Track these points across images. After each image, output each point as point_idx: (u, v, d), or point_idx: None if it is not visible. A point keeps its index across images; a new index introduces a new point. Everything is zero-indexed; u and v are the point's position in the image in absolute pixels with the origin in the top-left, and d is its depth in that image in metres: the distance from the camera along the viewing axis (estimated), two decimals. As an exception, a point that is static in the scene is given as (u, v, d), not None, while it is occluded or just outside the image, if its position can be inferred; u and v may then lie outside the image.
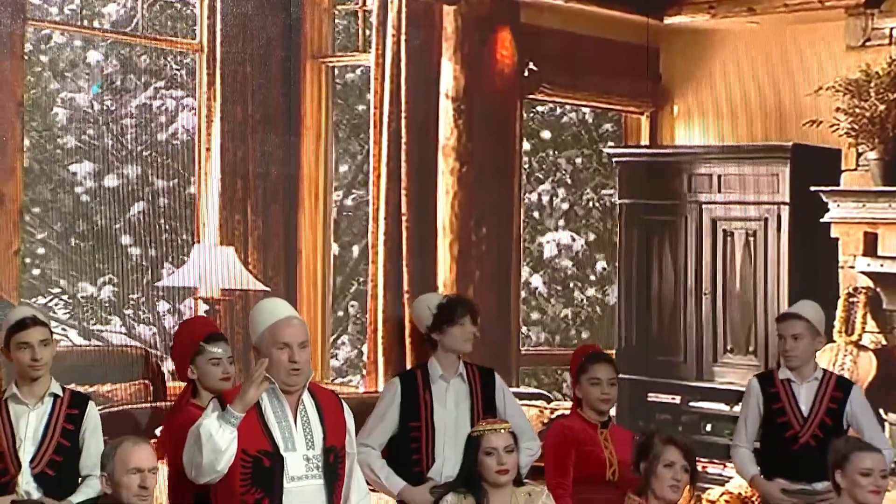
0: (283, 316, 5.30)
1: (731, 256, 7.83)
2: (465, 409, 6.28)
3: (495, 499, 5.41)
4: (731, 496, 7.54)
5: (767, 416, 6.35)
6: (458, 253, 7.41)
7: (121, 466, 5.07)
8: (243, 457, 5.10)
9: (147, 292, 6.81)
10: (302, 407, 5.26)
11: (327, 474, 5.17)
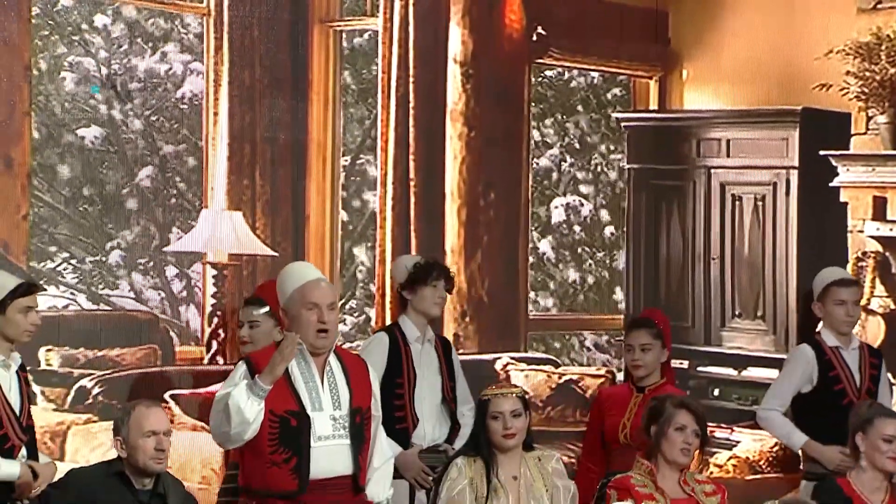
0: (313, 278, 5.33)
1: (740, 221, 7.84)
2: (434, 372, 6.36)
3: (504, 462, 5.45)
4: (739, 460, 7.60)
5: (822, 383, 6.34)
6: (466, 218, 7.44)
7: (136, 430, 5.10)
8: (271, 417, 5.13)
9: (155, 257, 6.78)
10: (329, 369, 5.29)
11: (353, 435, 5.20)
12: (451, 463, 5.54)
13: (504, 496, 5.41)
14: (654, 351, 6.28)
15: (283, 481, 5.14)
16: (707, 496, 5.70)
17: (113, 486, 5.12)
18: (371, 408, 5.42)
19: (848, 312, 6.38)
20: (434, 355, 6.44)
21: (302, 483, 5.14)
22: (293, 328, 5.34)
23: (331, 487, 5.20)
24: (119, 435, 5.18)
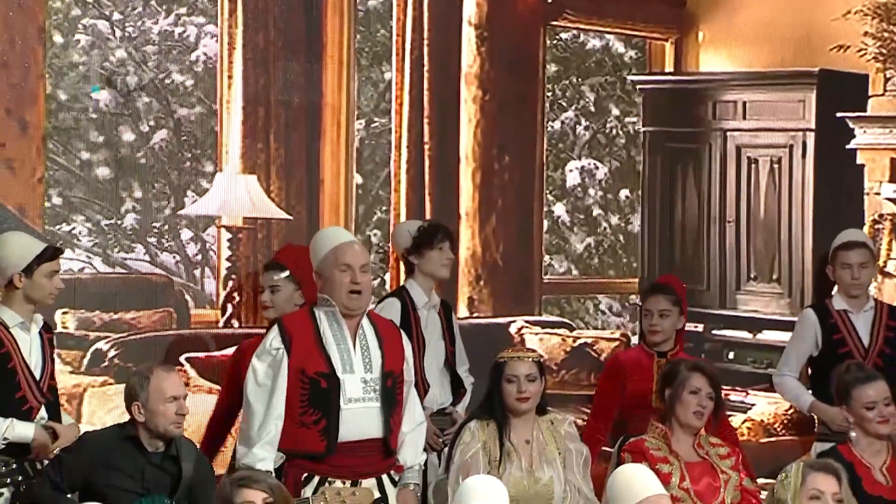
0: (346, 240, 5.42)
1: (756, 184, 7.83)
2: (438, 336, 6.41)
3: (517, 426, 5.51)
4: (754, 423, 7.65)
5: (827, 347, 6.34)
6: (480, 182, 7.44)
7: (157, 395, 5.14)
8: (301, 378, 5.21)
9: (170, 220, 6.79)
10: (361, 332, 5.34)
11: (384, 398, 5.27)
12: (464, 426, 5.58)
13: (517, 459, 5.46)
14: (672, 317, 6.31)
15: (312, 442, 5.20)
16: (722, 459, 5.74)
17: (126, 449, 5.17)
18: (403, 372, 5.45)
19: (853, 275, 6.36)
20: (438, 320, 6.47)
21: (330, 444, 5.19)
22: (326, 290, 5.38)
23: (360, 450, 5.24)
24: (137, 400, 5.20)
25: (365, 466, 5.24)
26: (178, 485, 5.14)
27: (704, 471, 5.61)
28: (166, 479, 5.18)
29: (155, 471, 5.17)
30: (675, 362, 5.87)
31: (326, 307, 5.32)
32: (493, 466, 5.41)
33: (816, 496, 4.83)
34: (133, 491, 5.11)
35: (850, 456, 5.64)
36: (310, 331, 5.29)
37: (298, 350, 5.24)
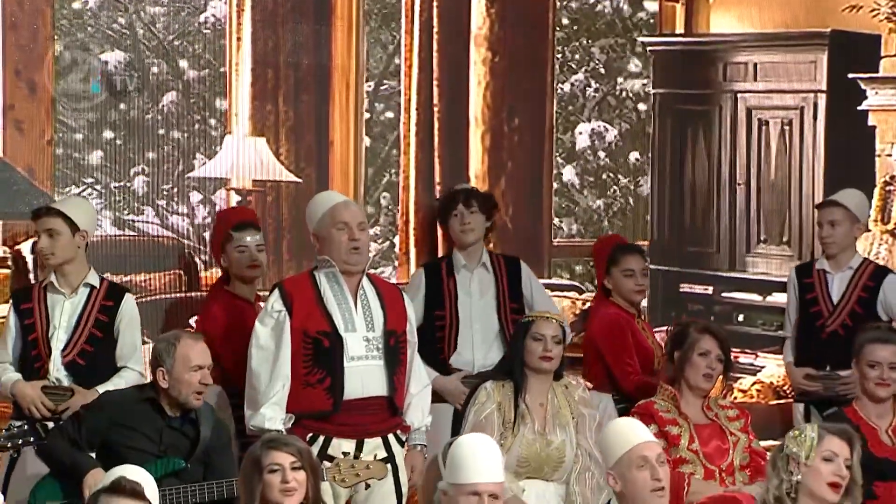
0: (341, 200, 5.43)
1: (766, 146, 7.80)
2: (490, 297, 6.39)
3: (534, 388, 5.52)
4: (763, 385, 7.65)
5: (802, 305, 6.42)
6: (489, 144, 7.41)
7: (183, 363, 5.14)
8: (304, 338, 5.25)
9: (179, 183, 6.78)
10: (362, 291, 5.38)
11: (388, 356, 5.30)
12: (479, 387, 5.60)
13: (530, 422, 5.47)
14: (647, 275, 6.36)
15: (318, 401, 5.24)
16: (730, 421, 5.75)
17: (145, 411, 5.19)
18: (407, 332, 5.46)
19: (822, 234, 6.42)
20: (490, 278, 6.44)
21: (337, 402, 5.23)
22: (325, 250, 5.39)
23: (366, 408, 5.28)
24: (163, 366, 5.20)
25: (371, 425, 5.28)
26: (195, 448, 5.15)
27: (713, 433, 5.61)
28: (184, 442, 5.19)
29: (173, 433, 5.19)
30: (684, 324, 5.86)
31: (326, 268, 5.33)
32: (507, 428, 5.42)
33: (830, 458, 4.76)
34: (150, 452, 5.13)
35: (856, 418, 5.64)
36: (310, 292, 5.30)
37: (300, 311, 5.26)
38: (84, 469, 5.10)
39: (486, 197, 6.51)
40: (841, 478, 4.74)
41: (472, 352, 6.27)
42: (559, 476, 5.49)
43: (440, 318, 6.32)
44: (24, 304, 5.68)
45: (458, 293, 6.34)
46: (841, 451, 4.77)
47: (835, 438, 4.80)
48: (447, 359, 6.27)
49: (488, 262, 6.45)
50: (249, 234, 6.08)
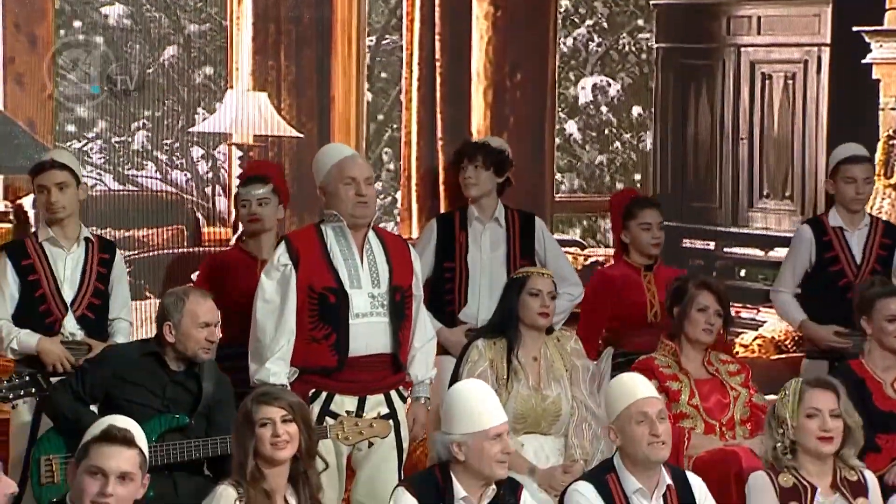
0: (348, 154, 5.46)
1: (770, 100, 7.75)
2: (500, 252, 6.41)
3: (527, 343, 5.57)
4: (765, 340, 7.65)
5: (820, 263, 6.36)
6: (492, 99, 7.37)
7: (191, 319, 5.20)
8: (310, 293, 5.30)
9: (181, 138, 6.77)
10: (368, 246, 5.41)
11: (393, 312, 5.35)
12: (470, 345, 5.62)
13: (524, 378, 5.53)
14: (663, 230, 6.38)
15: (323, 357, 5.28)
16: (731, 376, 5.81)
17: (148, 365, 5.25)
18: (412, 286, 5.47)
19: (857, 190, 6.39)
20: (502, 233, 6.47)
21: (341, 359, 5.27)
22: (332, 204, 5.41)
23: (369, 365, 5.32)
24: (170, 321, 5.23)
25: (374, 382, 5.31)
26: (197, 403, 5.20)
27: (714, 388, 5.68)
28: (187, 397, 5.24)
29: (176, 388, 5.24)
30: (682, 279, 5.90)
31: (333, 223, 5.35)
32: (501, 385, 5.45)
33: (813, 414, 4.89)
34: (153, 407, 5.18)
35: (862, 371, 5.70)
36: (317, 246, 5.33)
37: (306, 266, 5.28)
38: (86, 424, 5.10)
39: (495, 152, 6.51)
40: (827, 431, 4.86)
41: (479, 306, 6.30)
42: (556, 430, 5.53)
43: (450, 270, 6.35)
44: (24, 260, 5.69)
45: (469, 246, 6.39)
46: (824, 404, 4.89)
47: (816, 392, 4.92)
48: (456, 311, 6.29)
49: (502, 216, 6.49)
50: (254, 187, 6.12)
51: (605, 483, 4.75)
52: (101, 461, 3.95)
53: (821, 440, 4.86)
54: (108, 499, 3.94)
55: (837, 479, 4.93)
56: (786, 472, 4.91)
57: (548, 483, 5.33)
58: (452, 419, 4.63)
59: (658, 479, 4.77)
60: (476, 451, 4.54)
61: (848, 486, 4.93)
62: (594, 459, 5.46)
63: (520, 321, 5.59)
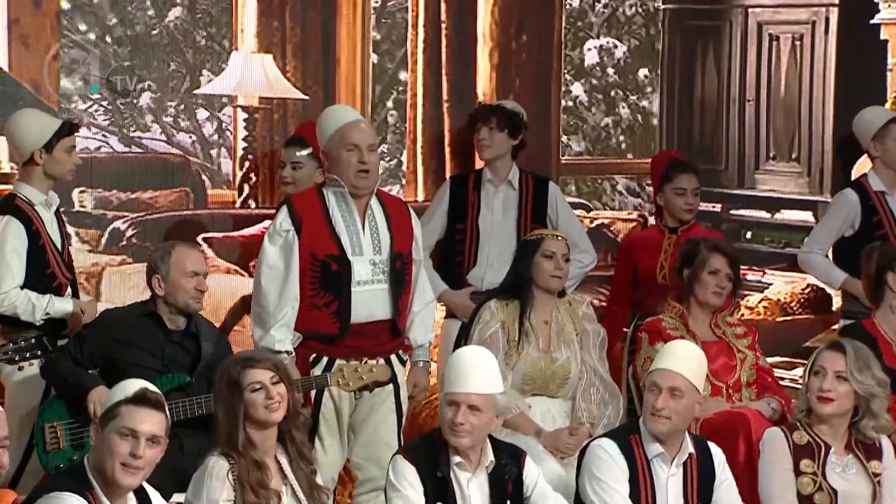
0: (352, 119, 5.45)
1: (777, 62, 7.74)
2: (511, 216, 6.44)
3: (539, 305, 5.62)
4: (770, 303, 7.66)
5: (864, 227, 6.43)
6: (497, 61, 7.36)
7: (178, 270, 5.26)
8: (312, 261, 5.33)
9: (186, 100, 6.77)
10: (370, 213, 5.41)
11: (393, 279, 5.39)
12: (482, 306, 5.64)
13: (535, 340, 5.57)
14: (699, 195, 6.41)
15: (325, 324, 5.31)
16: (738, 338, 5.84)
17: (146, 326, 5.30)
18: (412, 252, 5.48)
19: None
20: (514, 196, 6.48)
21: (343, 326, 5.31)
22: (333, 170, 5.41)
23: (370, 331, 5.36)
24: (158, 273, 5.27)
25: (374, 347, 5.33)
26: (197, 364, 5.22)
27: (721, 350, 5.71)
28: (186, 358, 5.28)
29: (175, 348, 5.27)
30: (693, 242, 5.91)
31: (335, 188, 5.34)
32: (512, 346, 5.48)
33: (818, 372, 4.97)
34: (153, 368, 5.21)
35: (875, 331, 5.77)
36: (319, 212, 5.33)
37: (308, 232, 5.28)
38: (88, 386, 5.17)
39: (509, 114, 6.53)
40: (824, 391, 4.92)
41: (486, 268, 6.32)
42: (564, 393, 5.55)
43: (461, 231, 6.37)
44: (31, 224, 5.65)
45: (481, 208, 6.38)
46: (830, 363, 4.95)
47: (825, 352, 5.01)
48: (465, 273, 6.32)
49: (516, 179, 6.50)
50: (291, 150, 6.15)
51: (628, 443, 4.81)
52: (135, 423, 4.00)
53: (819, 399, 4.92)
54: (139, 461, 4.00)
55: (852, 442, 4.99)
56: (801, 430, 4.98)
57: (553, 445, 5.36)
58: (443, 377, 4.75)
59: (680, 446, 4.83)
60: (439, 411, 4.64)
61: (862, 449, 4.99)
62: (600, 423, 5.50)
63: (533, 283, 5.60)
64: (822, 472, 4.93)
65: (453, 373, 4.64)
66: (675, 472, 4.84)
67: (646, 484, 4.80)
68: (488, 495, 4.66)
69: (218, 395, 4.53)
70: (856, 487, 4.96)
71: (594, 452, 4.81)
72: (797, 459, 4.94)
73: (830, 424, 4.96)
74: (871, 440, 5.00)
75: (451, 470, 4.62)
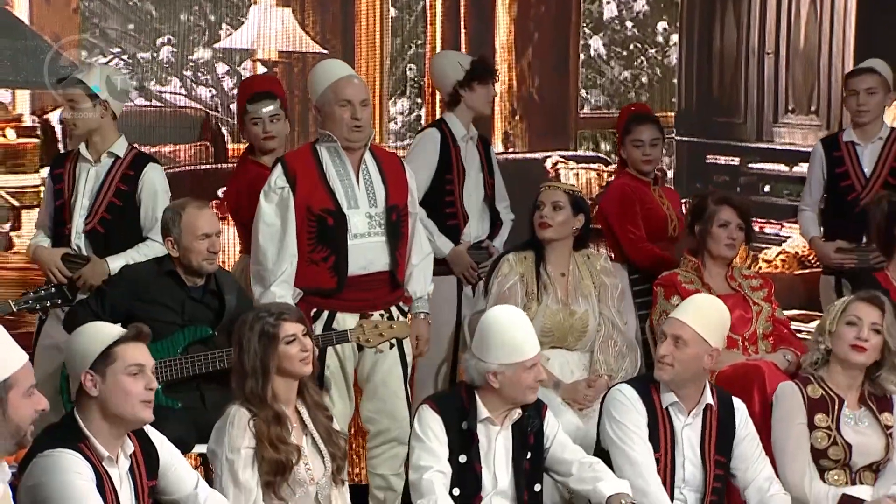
0: (344, 74, 5.38)
1: (796, 14, 7.73)
2: (478, 170, 6.43)
3: (553, 259, 5.57)
4: (788, 255, 7.69)
5: (831, 179, 6.36)
6: (516, 14, 7.38)
7: (189, 232, 5.20)
8: (308, 216, 5.25)
9: (205, 54, 6.82)
10: (364, 167, 5.38)
11: (390, 231, 5.31)
12: (502, 259, 5.67)
13: (553, 292, 5.52)
14: (660, 146, 6.29)
15: (323, 279, 5.26)
16: (754, 290, 5.81)
17: (165, 283, 5.26)
18: (408, 205, 5.49)
19: (858, 102, 6.34)
20: (476, 153, 6.49)
21: (341, 280, 5.25)
22: (327, 125, 5.39)
23: (368, 283, 5.30)
24: (170, 236, 5.26)
25: (374, 299, 5.30)
26: (219, 318, 5.22)
27: (737, 303, 5.62)
28: (208, 314, 5.26)
29: (195, 305, 5.26)
30: (702, 196, 5.85)
31: (328, 143, 5.29)
32: (531, 298, 5.47)
33: (854, 322, 4.92)
34: (175, 323, 5.21)
35: (887, 283, 5.67)
36: (313, 167, 5.26)
37: (303, 187, 5.23)
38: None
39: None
40: (862, 340, 4.88)
41: (471, 222, 6.30)
42: (583, 345, 5.55)
43: (449, 181, 6.30)
44: (57, 169, 5.73)
45: (465, 166, 6.39)
46: (867, 315, 4.91)
47: (861, 304, 4.95)
48: (460, 224, 6.26)
49: (475, 136, 6.48)
50: (264, 104, 6.05)
51: (647, 390, 4.83)
52: (140, 358, 4.01)
53: (853, 347, 4.89)
54: (151, 393, 4.01)
55: (865, 394, 4.97)
56: (814, 384, 4.96)
57: (571, 396, 5.37)
58: (490, 348, 4.67)
59: (699, 397, 4.84)
60: (512, 380, 4.62)
61: (875, 402, 4.98)
62: (618, 375, 5.46)
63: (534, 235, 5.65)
64: (836, 426, 4.92)
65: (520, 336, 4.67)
66: (690, 422, 4.85)
67: (665, 430, 4.82)
68: (511, 447, 4.70)
69: (245, 347, 4.49)
70: (869, 440, 4.94)
71: (614, 397, 4.84)
72: (811, 413, 4.93)
73: (851, 376, 4.95)
74: (884, 392, 4.99)
75: (480, 424, 4.65)
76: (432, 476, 4.53)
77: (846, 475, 4.94)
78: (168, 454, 4.17)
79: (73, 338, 4.10)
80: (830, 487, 4.89)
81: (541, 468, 4.73)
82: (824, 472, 4.92)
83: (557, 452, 4.75)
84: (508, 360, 4.63)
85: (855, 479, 4.93)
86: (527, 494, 4.68)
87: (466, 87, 6.28)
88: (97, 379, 3.96)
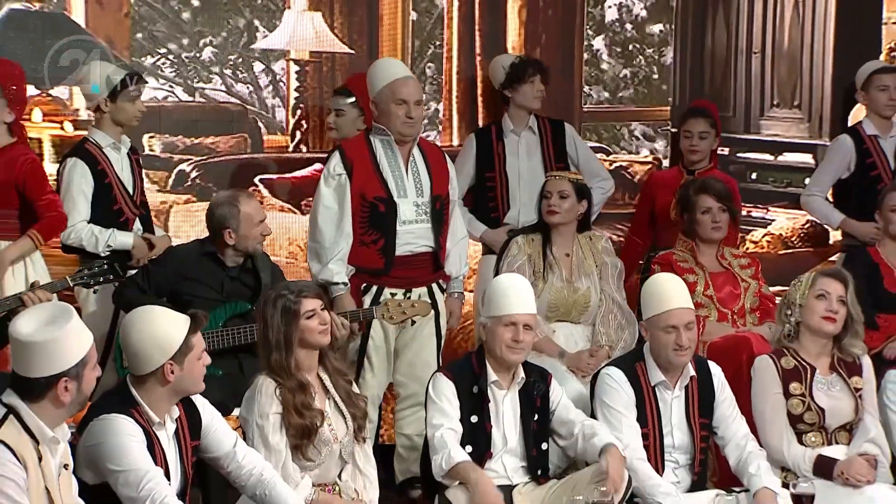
0: (402, 75, 5.56)
1: (781, 15, 7.82)
2: (536, 158, 6.63)
3: (558, 241, 5.81)
4: (773, 237, 7.87)
5: (859, 170, 6.53)
6: (526, 17, 7.47)
7: (248, 221, 5.44)
8: (362, 202, 5.49)
9: (243, 54, 7.01)
10: (412, 159, 5.61)
11: (434, 218, 5.57)
12: (511, 240, 5.87)
13: (558, 271, 5.76)
14: (709, 139, 6.41)
15: (372, 260, 5.54)
16: (742, 268, 5.98)
17: (205, 263, 5.54)
18: (449, 194, 5.72)
19: (890, 97, 6.53)
20: (536, 141, 6.57)
21: (388, 261, 5.52)
22: (382, 120, 5.54)
23: (414, 263, 5.59)
24: (229, 227, 5.45)
25: (418, 277, 5.62)
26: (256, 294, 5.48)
27: (727, 280, 5.91)
28: (244, 291, 5.55)
29: (233, 283, 5.55)
30: (684, 186, 6.04)
31: (382, 136, 5.53)
32: (538, 277, 5.70)
33: (823, 295, 5.10)
34: (215, 300, 5.50)
35: (877, 257, 5.95)
36: (367, 157, 5.52)
37: (359, 175, 5.50)
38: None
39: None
40: (833, 312, 5.07)
41: (519, 208, 6.47)
42: (585, 319, 5.79)
43: (490, 178, 6.50)
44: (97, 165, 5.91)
45: (507, 156, 6.54)
46: (834, 289, 5.11)
47: (828, 279, 5.14)
48: (500, 216, 6.43)
49: (535, 125, 6.59)
50: (336, 98, 6.28)
51: (634, 370, 4.95)
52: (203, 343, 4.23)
53: (825, 319, 5.05)
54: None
55: (835, 361, 5.16)
56: (787, 355, 5.11)
57: (575, 365, 5.57)
58: (485, 304, 4.89)
59: (683, 370, 4.98)
60: (492, 333, 4.77)
61: (844, 367, 5.17)
62: (618, 346, 5.68)
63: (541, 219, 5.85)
64: (809, 393, 5.01)
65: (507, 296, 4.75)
66: (678, 395, 4.95)
67: (651, 407, 4.90)
68: (519, 409, 4.84)
69: (269, 322, 4.59)
70: (840, 403, 5.06)
71: (603, 380, 4.91)
72: (786, 383, 5.02)
73: (820, 345, 5.10)
74: (851, 357, 5.17)
75: (489, 387, 4.80)
76: (444, 433, 4.65)
77: (822, 436, 5.05)
78: (210, 416, 4.33)
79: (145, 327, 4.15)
80: (807, 449, 4.99)
81: (547, 428, 4.87)
82: (802, 435, 5.04)
83: (562, 414, 4.90)
84: (490, 312, 4.77)
85: (831, 439, 5.05)
86: (535, 451, 4.84)
87: (509, 88, 6.50)
88: (175, 367, 4.14)
